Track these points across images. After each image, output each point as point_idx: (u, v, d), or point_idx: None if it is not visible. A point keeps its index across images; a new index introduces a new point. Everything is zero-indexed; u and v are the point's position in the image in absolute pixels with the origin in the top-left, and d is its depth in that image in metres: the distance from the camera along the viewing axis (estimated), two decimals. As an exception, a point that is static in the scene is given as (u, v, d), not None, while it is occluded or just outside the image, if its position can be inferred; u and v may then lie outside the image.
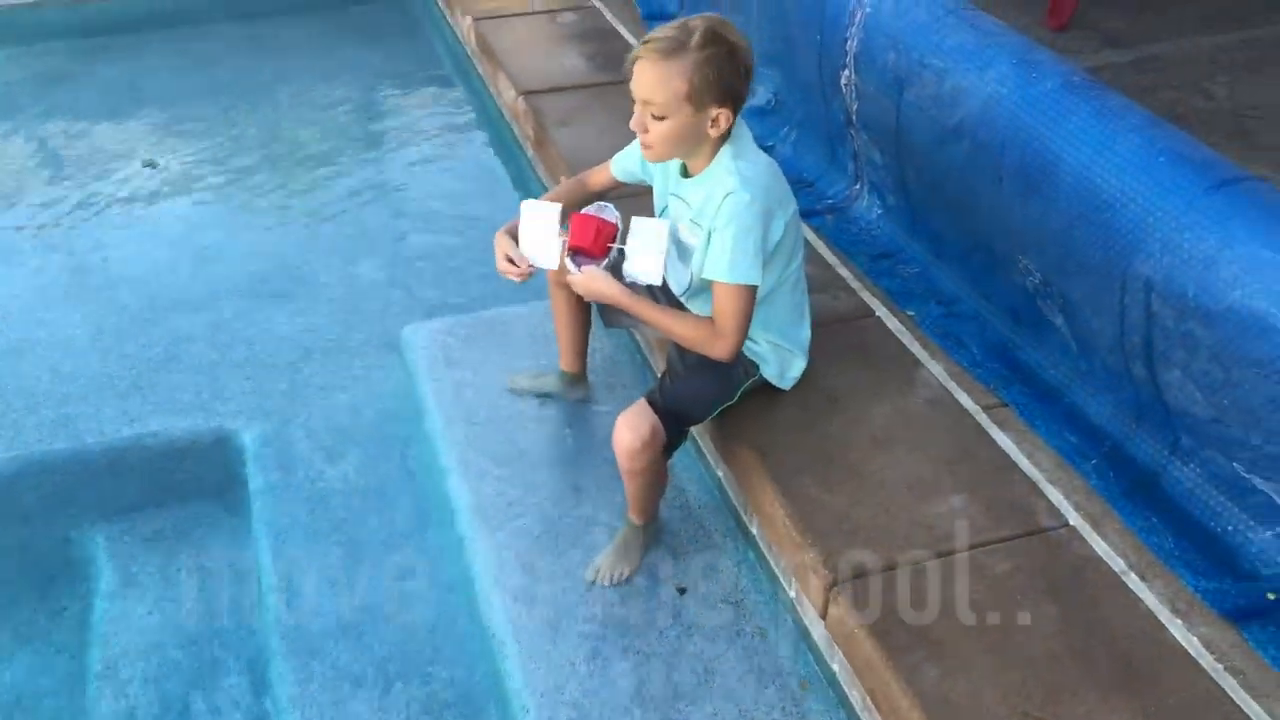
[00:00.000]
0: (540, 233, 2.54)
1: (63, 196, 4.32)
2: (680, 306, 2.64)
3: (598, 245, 2.49)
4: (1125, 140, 2.41)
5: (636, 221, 2.47)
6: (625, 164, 2.67)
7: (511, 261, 2.56)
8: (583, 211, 2.54)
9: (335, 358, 3.42)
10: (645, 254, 2.44)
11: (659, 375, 2.79)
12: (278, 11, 6.06)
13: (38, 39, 5.71)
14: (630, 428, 2.42)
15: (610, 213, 2.55)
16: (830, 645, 2.34)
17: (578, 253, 2.50)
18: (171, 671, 2.53)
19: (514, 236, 2.58)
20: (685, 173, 2.44)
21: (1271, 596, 2.21)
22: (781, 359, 2.65)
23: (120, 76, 5.29)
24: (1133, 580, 2.29)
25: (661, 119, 2.25)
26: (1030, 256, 2.71)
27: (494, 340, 3.32)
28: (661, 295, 2.69)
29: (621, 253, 2.48)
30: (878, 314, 3.08)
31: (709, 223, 2.34)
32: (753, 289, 2.34)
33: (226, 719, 2.44)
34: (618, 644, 2.47)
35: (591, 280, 2.47)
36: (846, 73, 3.30)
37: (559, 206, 2.54)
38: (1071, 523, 2.42)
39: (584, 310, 2.94)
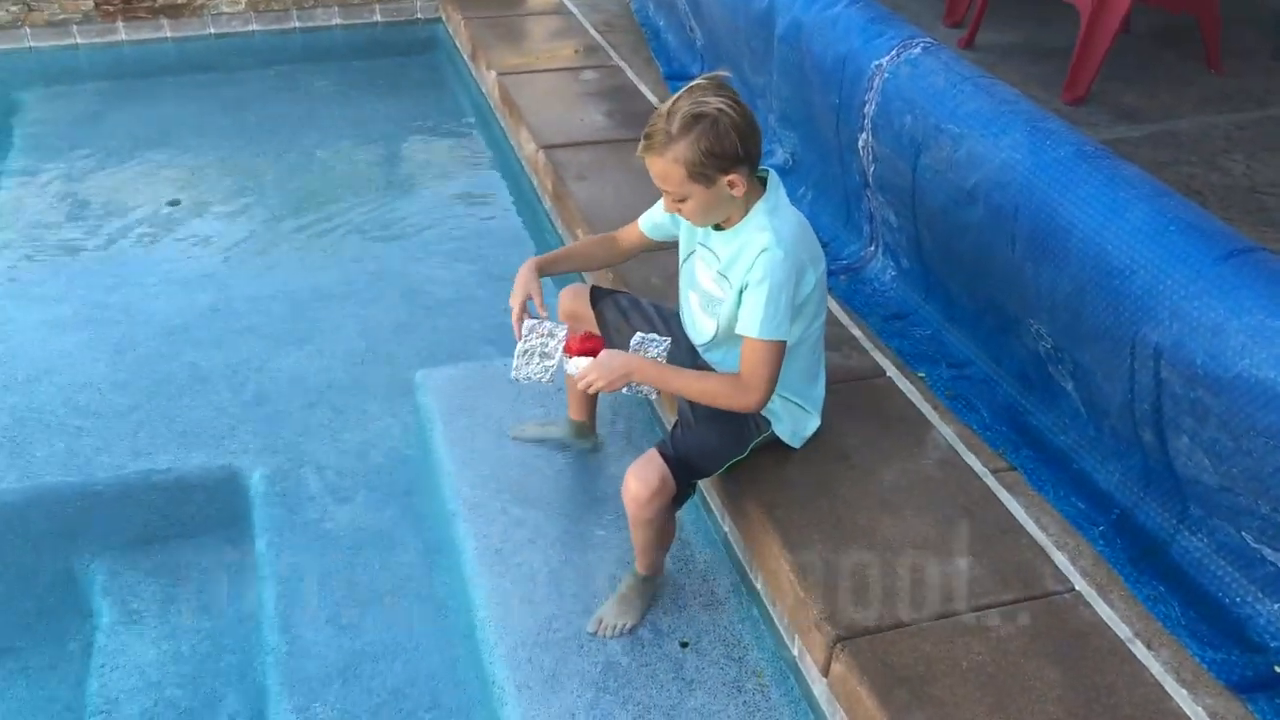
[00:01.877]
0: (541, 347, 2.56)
1: (87, 232, 4.39)
2: (696, 356, 2.65)
3: (601, 346, 2.54)
4: (1136, 208, 2.44)
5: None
6: (655, 219, 2.69)
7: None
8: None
9: (348, 399, 3.44)
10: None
11: (667, 426, 2.80)
12: (307, 60, 6.18)
13: (71, 80, 5.84)
14: (640, 478, 2.43)
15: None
16: (832, 703, 2.32)
17: (584, 355, 2.52)
18: (169, 708, 2.52)
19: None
20: (718, 225, 2.45)
21: (1279, 669, 2.19)
22: (795, 417, 2.66)
23: (149, 118, 5.38)
24: (1139, 648, 2.27)
25: (683, 200, 2.31)
26: (1042, 321, 2.72)
27: (506, 388, 3.33)
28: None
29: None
30: (889, 374, 3.09)
31: (740, 278, 2.36)
32: (782, 344, 2.35)
33: (223, 757, 2.43)
34: (618, 695, 2.45)
35: (610, 359, 2.43)
36: (864, 135, 3.34)
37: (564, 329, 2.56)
38: (1077, 588, 2.41)
39: None
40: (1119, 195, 2.49)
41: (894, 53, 3.26)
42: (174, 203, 4.61)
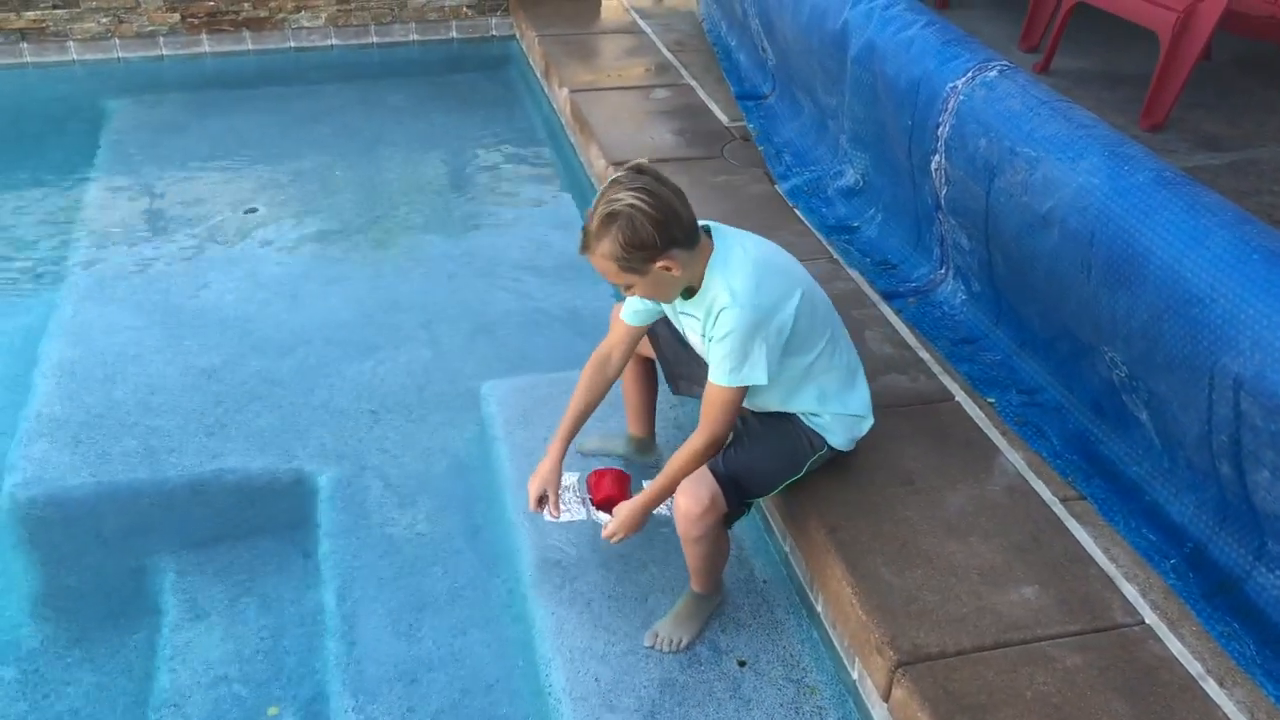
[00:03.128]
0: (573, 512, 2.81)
1: (166, 237, 4.49)
2: None
3: (620, 489, 2.74)
4: (1218, 235, 2.39)
5: None
6: (633, 307, 2.68)
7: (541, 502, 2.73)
8: (592, 472, 2.81)
9: (414, 408, 3.47)
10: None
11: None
12: (383, 75, 6.29)
13: (155, 90, 5.99)
14: (690, 495, 2.43)
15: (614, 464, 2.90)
16: (891, 729, 2.29)
17: (604, 505, 2.73)
18: (233, 705, 2.56)
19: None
20: (686, 292, 2.44)
21: (1358, 714, 2.12)
22: (846, 426, 2.62)
23: (229, 128, 5.50)
24: (1210, 685, 2.21)
25: (629, 287, 2.37)
26: (1116, 349, 2.67)
27: (568, 400, 3.34)
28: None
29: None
30: (957, 399, 3.05)
31: (710, 333, 2.39)
32: (743, 390, 2.39)
33: (282, 757, 2.46)
34: (674, 712, 2.44)
35: (624, 514, 2.58)
36: (937, 158, 3.32)
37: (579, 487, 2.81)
38: (1147, 621, 2.36)
39: (651, 376, 2.97)
40: (1200, 222, 2.45)
41: (969, 75, 3.23)
42: (251, 210, 4.70)
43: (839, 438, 2.61)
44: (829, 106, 4.24)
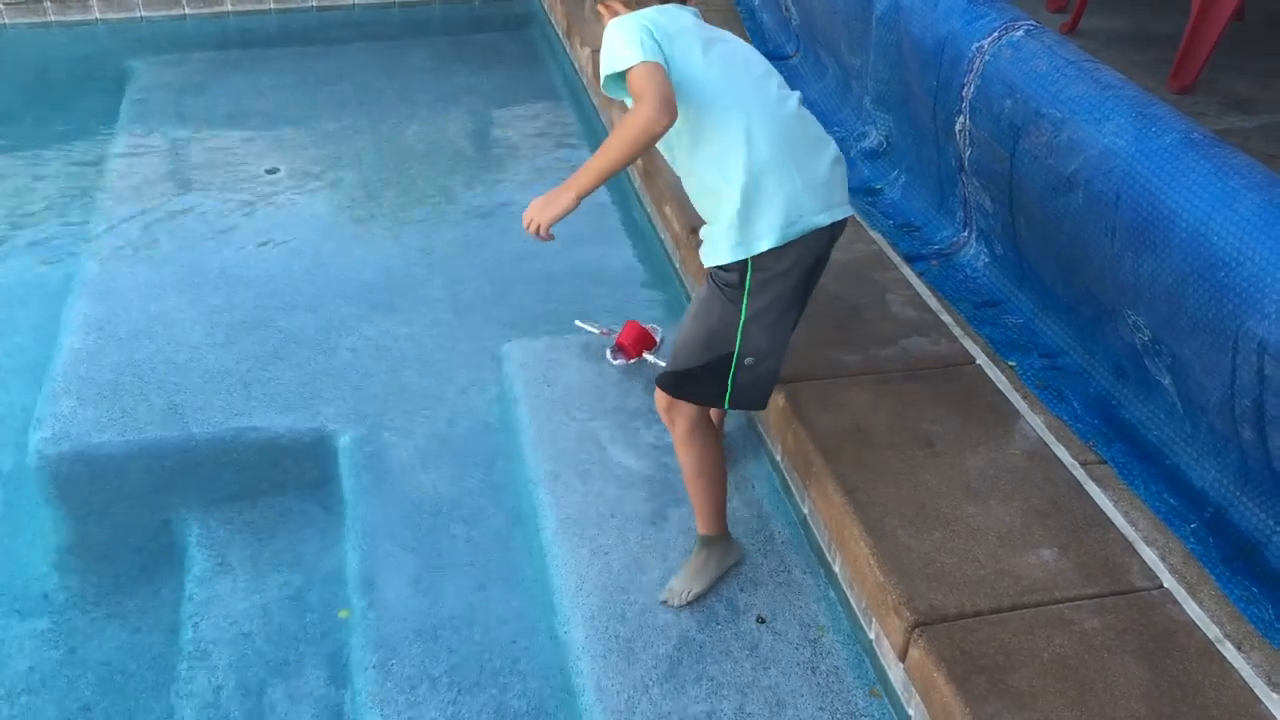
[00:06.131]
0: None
1: (189, 197, 4.50)
2: None
3: (635, 348, 3.34)
4: (1246, 198, 2.36)
5: None
6: None
7: None
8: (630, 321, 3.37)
9: (435, 368, 3.49)
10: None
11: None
12: (404, 34, 6.27)
13: (178, 49, 5.99)
14: (658, 391, 2.55)
15: (658, 331, 3.44)
16: (907, 688, 2.30)
17: (618, 348, 3.36)
18: (256, 659, 2.60)
19: None
20: None
21: (1377, 679, 2.12)
22: (735, 237, 2.35)
23: (250, 87, 5.50)
24: (1228, 649, 2.21)
25: (599, 18, 2.53)
26: (1140, 313, 2.66)
27: (589, 362, 3.36)
28: None
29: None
30: (978, 362, 3.04)
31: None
32: (647, 65, 2.20)
33: (305, 709, 2.50)
34: (692, 669, 2.46)
35: (536, 211, 2.32)
36: (961, 119, 3.29)
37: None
38: (1166, 585, 2.36)
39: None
40: (1227, 184, 2.42)
41: (996, 35, 3.19)
42: (273, 170, 4.71)
43: (733, 235, 2.35)
44: (853, 67, 4.20)
